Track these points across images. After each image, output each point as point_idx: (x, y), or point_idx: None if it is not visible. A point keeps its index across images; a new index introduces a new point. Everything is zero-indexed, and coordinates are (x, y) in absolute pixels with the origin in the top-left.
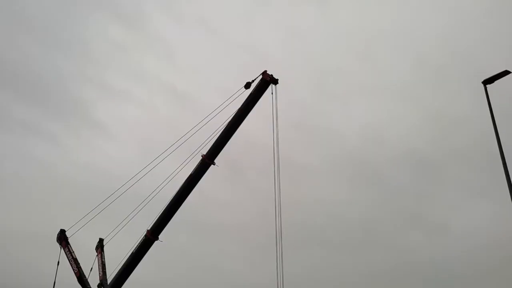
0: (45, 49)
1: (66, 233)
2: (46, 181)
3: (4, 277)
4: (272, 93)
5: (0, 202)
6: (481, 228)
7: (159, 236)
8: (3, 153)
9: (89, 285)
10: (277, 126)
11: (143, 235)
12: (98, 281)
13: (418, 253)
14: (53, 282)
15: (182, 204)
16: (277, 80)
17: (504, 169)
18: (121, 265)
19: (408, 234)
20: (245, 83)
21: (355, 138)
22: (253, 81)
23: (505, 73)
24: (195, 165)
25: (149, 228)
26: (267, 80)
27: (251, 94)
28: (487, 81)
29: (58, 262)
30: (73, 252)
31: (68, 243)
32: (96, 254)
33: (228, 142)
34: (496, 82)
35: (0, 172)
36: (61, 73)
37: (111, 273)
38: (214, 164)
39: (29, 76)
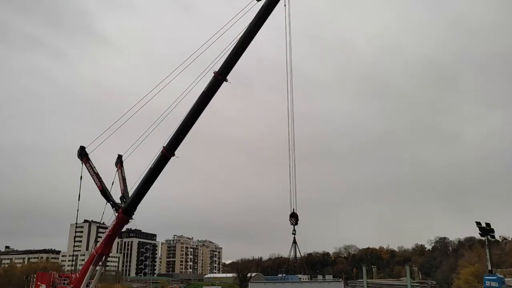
0: None
1: (86, 149)
2: (54, 96)
3: (23, 192)
4: (285, 5)
5: (12, 117)
6: (494, 137)
7: (175, 152)
8: (9, 67)
9: (112, 197)
10: (290, 38)
11: (160, 151)
12: (120, 194)
13: (429, 163)
14: (78, 195)
15: (196, 121)
16: None
17: None
18: (141, 179)
19: (420, 146)
20: None
21: (369, 48)
22: None
23: None
24: (208, 82)
25: (165, 145)
26: None
27: (263, 6)
28: None
29: (81, 177)
30: (94, 167)
31: (89, 159)
32: (116, 169)
33: (240, 58)
34: None
35: (8, 87)
36: None
37: (132, 187)
38: (226, 81)
39: None
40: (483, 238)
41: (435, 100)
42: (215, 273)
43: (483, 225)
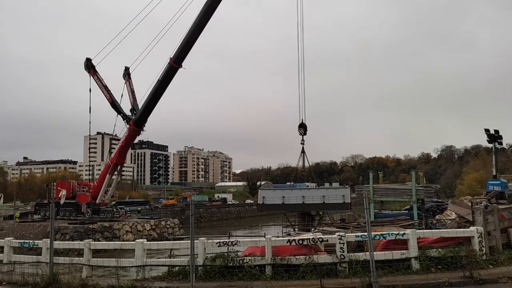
0: None
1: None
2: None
3: (31, 105)
4: None
5: (9, 25)
6: (509, 42)
7: (182, 64)
8: None
9: (122, 109)
10: None
11: (167, 63)
12: (130, 107)
13: (441, 70)
14: (89, 107)
15: (203, 32)
16: None
17: None
18: (149, 91)
19: (432, 53)
20: None
21: None
22: None
23: None
24: None
25: (171, 56)
26: None
27: None
28: None
29: (90, 89)
30: (102, 79)
31: (96, 71)
32: (124, 82)
33: None
34: None
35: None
36: None
37: (141, 100)
38: None
39: None
40: (490, 146)
41: (451, 3)
42: (226, 182)
43: (492, 132)
